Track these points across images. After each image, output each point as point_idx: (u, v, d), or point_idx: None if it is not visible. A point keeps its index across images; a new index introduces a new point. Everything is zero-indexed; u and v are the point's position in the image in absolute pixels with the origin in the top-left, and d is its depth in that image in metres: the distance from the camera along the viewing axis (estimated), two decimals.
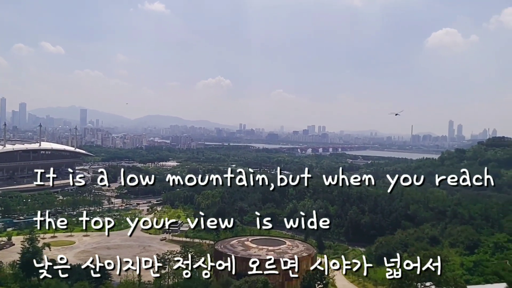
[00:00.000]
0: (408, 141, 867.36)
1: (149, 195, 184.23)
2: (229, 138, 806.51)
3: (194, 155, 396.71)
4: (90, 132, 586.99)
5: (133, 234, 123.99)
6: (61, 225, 46.36)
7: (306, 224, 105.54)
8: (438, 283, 51.21)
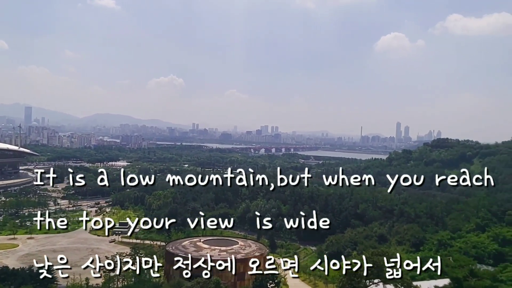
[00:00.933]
0: (358, 142, 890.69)
1: (97, 196, 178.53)
2: (182, 137, 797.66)
3: (145, 155, 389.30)
4: (36, 131, 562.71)
5: (81, 236, 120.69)
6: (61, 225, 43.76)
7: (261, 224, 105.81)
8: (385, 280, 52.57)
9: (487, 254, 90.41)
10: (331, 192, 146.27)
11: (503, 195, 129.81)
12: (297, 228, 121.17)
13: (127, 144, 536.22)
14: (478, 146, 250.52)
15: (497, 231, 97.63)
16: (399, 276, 44.45)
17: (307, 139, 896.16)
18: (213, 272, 72.61)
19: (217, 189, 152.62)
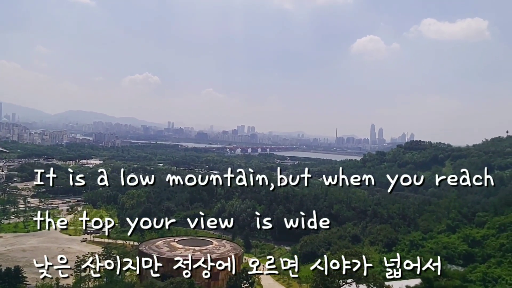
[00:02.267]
0: (333, 143, 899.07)
1: (69, 194, 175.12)
2: (157, 136, 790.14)
3: (119, 153, 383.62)
4: (5, 127, 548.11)
5: (51, 236, 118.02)
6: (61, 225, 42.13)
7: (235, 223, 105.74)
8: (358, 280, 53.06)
9: (457, 255, 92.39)
10: (306, 192, 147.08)
11: (473, 197, 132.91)
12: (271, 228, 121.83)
13: (100, 142, 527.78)
14: (450, 149, 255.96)
15: (467, 232, 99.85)
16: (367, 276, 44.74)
17: (283, 140, 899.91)
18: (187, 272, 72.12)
19: (192, 188, 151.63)
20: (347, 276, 51.67)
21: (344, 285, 53.43)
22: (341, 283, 53.13)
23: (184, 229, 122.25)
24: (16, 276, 72.56)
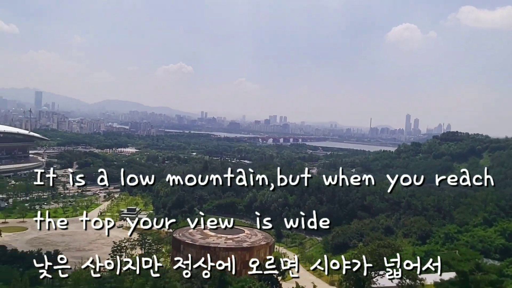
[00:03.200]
0: (367, 134, 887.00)
1: None
2: (190, 126, 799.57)
3: (154, 142, 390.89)
4: (46, 116, 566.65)
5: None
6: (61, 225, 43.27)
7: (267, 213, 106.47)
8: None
9: (494, 249, 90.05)
10: None
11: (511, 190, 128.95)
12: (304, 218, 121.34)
13: (136, 131, 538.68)
14: (488, 140, 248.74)
15: (504, 226, 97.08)
16: (399, 275, 44.27)
17: (316, 130, 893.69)
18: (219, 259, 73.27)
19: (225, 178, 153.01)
20: (379, 267, 51.31)
21: (376, 276, 53.09)
22: (373, 274, 52.81)
23: (216, 217, 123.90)
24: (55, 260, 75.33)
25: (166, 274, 68.06)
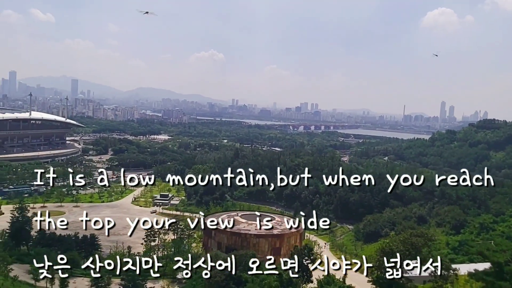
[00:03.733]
0: (400, 121, 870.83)
1: (140, 168, 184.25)
2: (222, 113, 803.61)
3: (185, 129, 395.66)
4: (81, 103, 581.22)
5: (124, 206, 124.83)
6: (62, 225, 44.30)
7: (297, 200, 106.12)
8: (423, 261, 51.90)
9: None
10: (370, 171, 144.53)
11: None
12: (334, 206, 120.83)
13: (168, 119, 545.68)
14: None
15: None
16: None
17: (348, 117, 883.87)
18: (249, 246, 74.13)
19: (255, 165, 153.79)
20: (411, 257, 50.72)
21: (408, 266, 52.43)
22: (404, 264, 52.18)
23: (247, 204, 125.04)
24: (92, 244, 77.91)
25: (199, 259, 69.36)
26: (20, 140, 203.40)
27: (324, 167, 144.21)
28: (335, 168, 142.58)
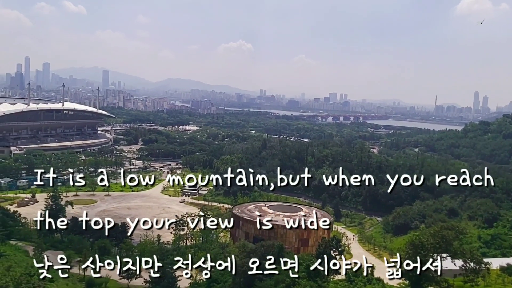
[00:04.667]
0: (432, 112, 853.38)
1: (169, 158, 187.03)
2: (249, 103, 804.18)
3: (214, 120, 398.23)
4: (112, 94, 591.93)
5: (153, 195, 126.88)
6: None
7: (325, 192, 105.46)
8: (454, 255, 50.95)
9: None
10: (400, 163, 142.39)
11: None
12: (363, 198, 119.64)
13: (197, 109, 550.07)
14: None
15: None
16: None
17: (378, 108, 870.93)
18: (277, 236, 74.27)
19: (283, 156, 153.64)
20: (442, 250, 49.85)
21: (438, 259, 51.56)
22: (435, 257, 51.31)
23: (274, 195, 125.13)
24: (122, 232, 79.39)
25: (226, 249, 70.11)
26: (54, 130, 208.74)
27: (353, 158, 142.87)
28: (364, 159, 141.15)
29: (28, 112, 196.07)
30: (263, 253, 52.46)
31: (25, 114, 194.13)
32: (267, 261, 40.60)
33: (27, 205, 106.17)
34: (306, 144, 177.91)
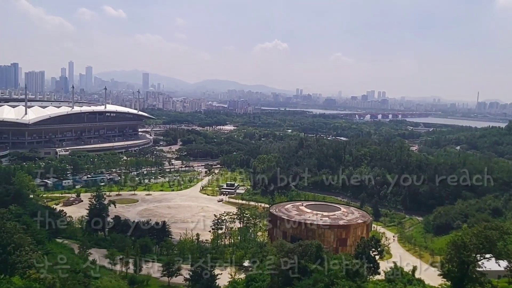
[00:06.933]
0: (473, 109, 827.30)
1: (207, 157, 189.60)
2: (286, 103, 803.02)
3: (250, 120, 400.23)
4: (152, 96, 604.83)
5: (192, 195, 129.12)
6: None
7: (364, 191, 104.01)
8: (498, 255, 49.38)
9: None
10: (441, 161, 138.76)
11: None
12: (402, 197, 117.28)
13: (233, 109, 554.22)
14: None
15: None
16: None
17: (417, 105, 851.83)
18: (315, 236, 73.94)
19: (320, 155, 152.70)
20: (485, 250, 48.47)
21: (481, 260, 50.16)
22: (479, 257, 49.94)
23: (312, 194, 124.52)
24: (163, 230, 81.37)
25: (264, 248, 70.47)
26: (97, 132, 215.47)
27: (392, 157, 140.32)
28: (403, 158, 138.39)
29: (72, 115, 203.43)
30: (301, 253, 52.44)
31: (69, 116, 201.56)
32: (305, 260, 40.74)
33: (72, 204, 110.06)
34: (344, 143, 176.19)
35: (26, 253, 47.77)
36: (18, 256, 47.10)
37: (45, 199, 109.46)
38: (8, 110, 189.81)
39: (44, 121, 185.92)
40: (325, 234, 75.90)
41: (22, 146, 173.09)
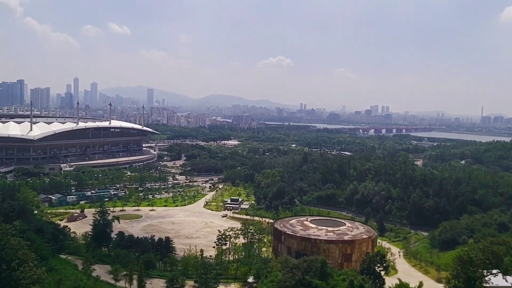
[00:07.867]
0: (478, 123, 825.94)
1: (211, 172, 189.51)
2: (290, 118, 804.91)
3: (254, 134, 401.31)
4: (157, 111, 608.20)
5: (196, 210, 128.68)
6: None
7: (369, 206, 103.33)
8: (505, 271, 48.87)
9: None
10: (446, 175, 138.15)
11: None
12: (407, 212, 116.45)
13: (238, 124, 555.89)
14: None
15: None
16: None
17: (421, 120, 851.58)
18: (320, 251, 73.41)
19: (324, 169, 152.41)
20: (492, 266, 48.02)
21: (488, 275, 49.65)
22: (485, 273, 49.44)
23: (316, 209, 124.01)
24: (166, 246, 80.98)
25: (268, 263, 69.96)
26: (101, 147, 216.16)
27: (397, 171, 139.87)
28: (408, 172, 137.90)
29: (77, 131, 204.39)
30: (306, 268, 52.10)
31: (74, 132, 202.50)
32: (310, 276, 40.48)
33: (76, 220, 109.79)
34: (348, 157, 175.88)
35: (30, 269, 47.82)
36: (22, 272, 47.17)
37: (49, 214, 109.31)
38: (13, 126, 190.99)
39: (49, 137, 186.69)
40: (330, 250, 75.25)
41: (27, 162, 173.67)
